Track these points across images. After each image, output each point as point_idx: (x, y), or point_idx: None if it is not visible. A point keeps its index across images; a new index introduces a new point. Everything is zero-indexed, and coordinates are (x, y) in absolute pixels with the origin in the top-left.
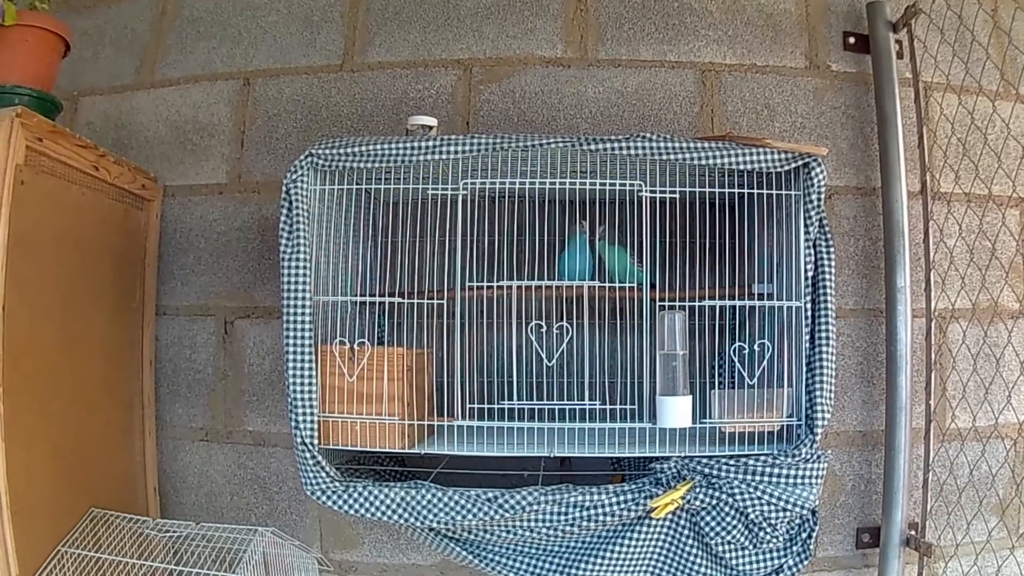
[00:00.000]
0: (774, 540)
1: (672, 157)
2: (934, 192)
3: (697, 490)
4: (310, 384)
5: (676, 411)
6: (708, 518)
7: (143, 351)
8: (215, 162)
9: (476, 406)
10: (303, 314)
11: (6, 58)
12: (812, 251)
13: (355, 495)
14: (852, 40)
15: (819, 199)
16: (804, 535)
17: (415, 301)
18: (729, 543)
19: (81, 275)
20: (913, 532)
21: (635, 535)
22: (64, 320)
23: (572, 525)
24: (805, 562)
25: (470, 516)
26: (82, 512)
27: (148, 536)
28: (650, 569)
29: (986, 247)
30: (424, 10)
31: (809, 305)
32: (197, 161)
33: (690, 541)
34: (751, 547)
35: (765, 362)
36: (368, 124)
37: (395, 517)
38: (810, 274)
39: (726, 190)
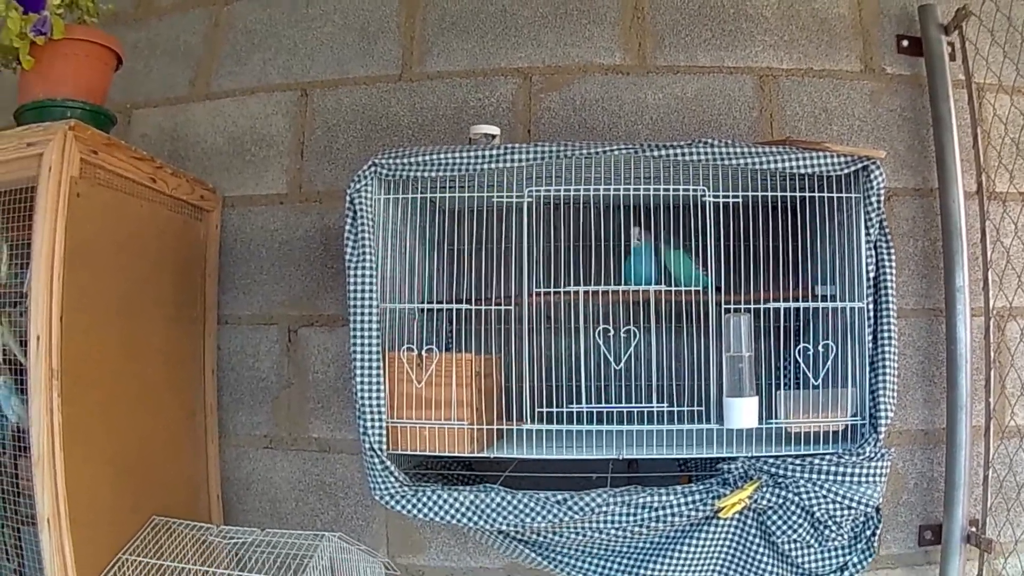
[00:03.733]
0: (839, 538)
1: (734, 162)
2: (990, 192)
3: (764, 490)
4: (378, 390)
5: (743, 412)
6: (775, 517)
7: (205, 360)
8: (275, 172)
9: (544, 410)
10: (370, 321)
11: (57, 72)
12: (873, 252)
13: (424, 499)
14: (905, 43)
15: (879, 201)
16: (868, 532)
17: (483, 307)
18: (795, 541)
19: (141, 286)
20: (974, 529)
21: (703, 535)
22: (124, 330)
23: (640, 526)
24: (869, 559)
25: (539, 518)
26: (144, 520)
27: (211, 543)
28: (718, 568)
29: None
30: (481, 20)
31: (871, 306)
32: (257, 172)
33: (757, 540)
34: (817, 545)
35: (829, 363)
36: (428, 133)
37: (464, 520)
38: (871, 275)
39: (787, 193)
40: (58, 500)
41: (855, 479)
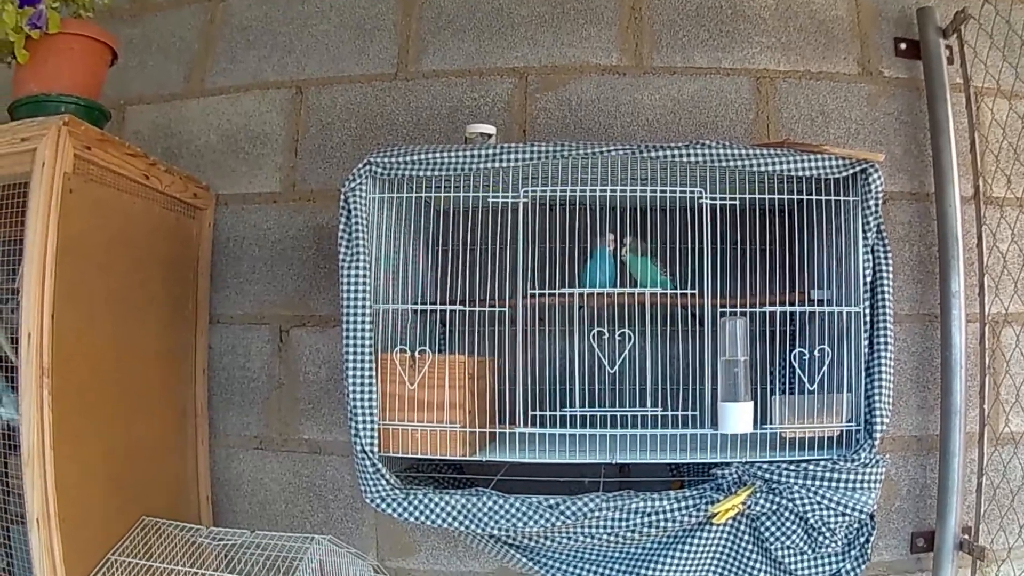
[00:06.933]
0: (833, 545)
1: (732, 164)
2: (986, 197)
3: (758, 495)
4: (370, 392)
5: (738, 417)
6: (768, 523)
7: (196, 359)
8: (268, 171)
9: (536, 413)
10: (363, 322)
11: (52, 66)
12: (870, 256)
13: (415, 503)
14: (903, 46)
15: (877, 205)
16: (862, 539)
17: (476, 309)
18: (789, 548)
19: (133, 283)
20: (966, 536)
21: (695, 540)
22: (116, 328)
23: (633, 531)
24: (863, 566)
25: (531, 523)
26: (133, 520)
27: (200, 544)
28: (710, 574)
29: None
30: (478, 19)
31: (868, 310)
32: (250, 170)
33: (750, 546)
34: (810, 552)
35: (824, 368)
36: (423, 132)
37: (456, 524)
38: (868, 279)
39: (785, 196)
40: (48, 499)
41: (850, 485)
